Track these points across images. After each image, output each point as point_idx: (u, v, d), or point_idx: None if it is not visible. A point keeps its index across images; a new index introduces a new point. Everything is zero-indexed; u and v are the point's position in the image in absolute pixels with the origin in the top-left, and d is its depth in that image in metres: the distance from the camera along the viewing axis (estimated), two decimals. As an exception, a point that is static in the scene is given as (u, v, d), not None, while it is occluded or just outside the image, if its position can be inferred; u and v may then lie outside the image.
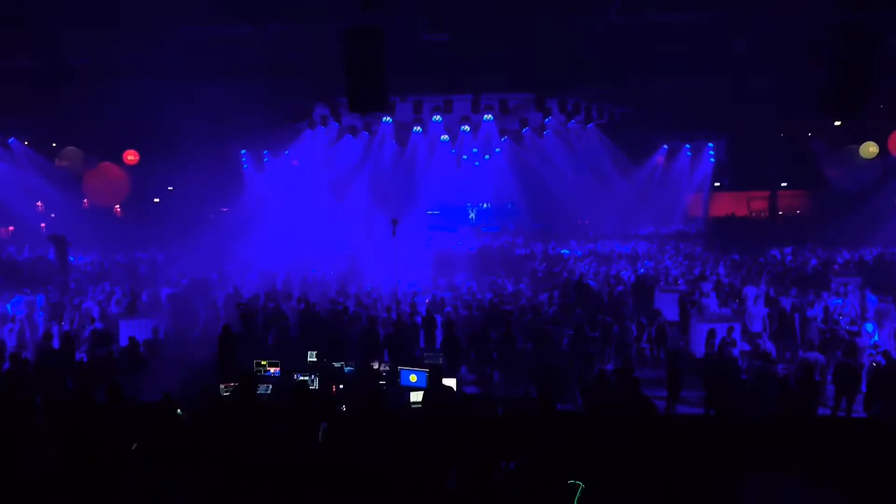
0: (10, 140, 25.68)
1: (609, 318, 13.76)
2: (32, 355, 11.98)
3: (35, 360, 11.22)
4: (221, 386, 9.03)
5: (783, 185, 31.99)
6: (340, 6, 11.76)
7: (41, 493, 5.09)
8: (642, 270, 20.35)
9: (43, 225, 31.95)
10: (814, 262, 20.49)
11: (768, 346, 11.61)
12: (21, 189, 27.09)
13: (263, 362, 10.27)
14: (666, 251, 25.13)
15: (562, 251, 25.67)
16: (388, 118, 26.03)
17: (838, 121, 24.11)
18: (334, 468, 5.37)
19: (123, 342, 12.50)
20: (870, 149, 20.04)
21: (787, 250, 23.01)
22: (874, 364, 10.31)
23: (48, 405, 8.58)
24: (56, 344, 12.14)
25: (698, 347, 12.85)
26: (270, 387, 9.77)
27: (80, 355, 12.45)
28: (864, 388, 10.37)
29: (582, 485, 4.76)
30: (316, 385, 9.35)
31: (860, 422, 9.61)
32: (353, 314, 14.26)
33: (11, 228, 31.38)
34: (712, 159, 32.14)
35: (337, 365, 10.19)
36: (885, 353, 10.35)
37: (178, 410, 7.07)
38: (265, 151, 31.59)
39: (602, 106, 24.48)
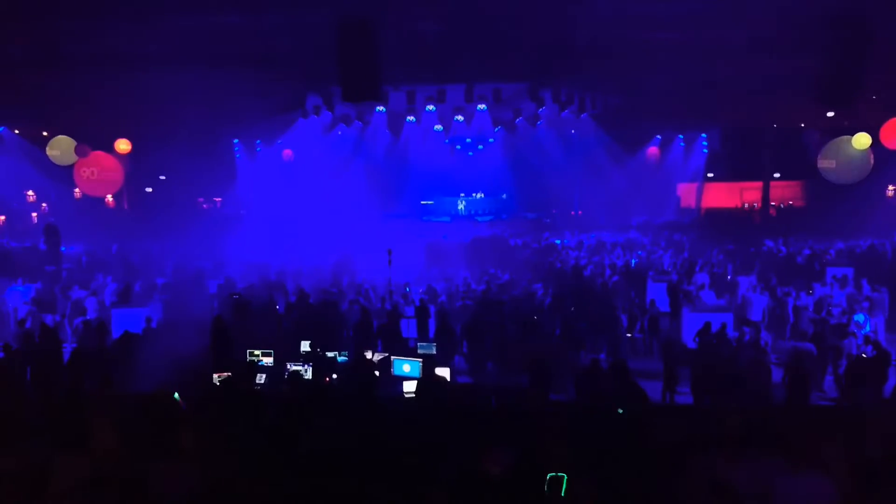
0: (0, 129, 25.51)
1: (601, 307, 13.80)
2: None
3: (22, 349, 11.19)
4: (215, 376, 9.02)
5: (776, 175, 32.08)
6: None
7: (34, 486, 5.08)
8: (635, 260, 20.40)
9: (34, 215, 31.81)
10: (806, 252, 20.57)
11: (762, 335, 11.69)
12: (11, 179, 26.93)
13: (257, 352, 10.27)
14: (659, 241, 25.19)
15: (555, 241, 25.70)
16: (382, 108, 25.96)
17: (831, 111, 24.14)
18: (327, 459, 5.38)
19: (116, 332, 12.48)
20: (862, 140, 20.05)
21: (790, 240, 23.06)
22: (864, 355, 10.39)
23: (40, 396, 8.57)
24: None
25: (690, 337, 12.92)
26: (265, 376, 9.80)
27: (71, 346, 12.43)
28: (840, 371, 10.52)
29: (566, 476, 4.78)
30: (309, 375, 9.36)
31: (849, 410, 9.68)
32: (346, 304, 14.26)
33: (3, 218, 31.22)
34: (705, 150, 32.21)
35: (330, 355, 10.21)
36: (876, 344, 10.44)
37: (176, 395, 7.07)
38: (258, 141, 31.46)
39: (595, 96, 24.47)
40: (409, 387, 9.05)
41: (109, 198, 31.49)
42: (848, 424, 6.80)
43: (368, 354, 10.23)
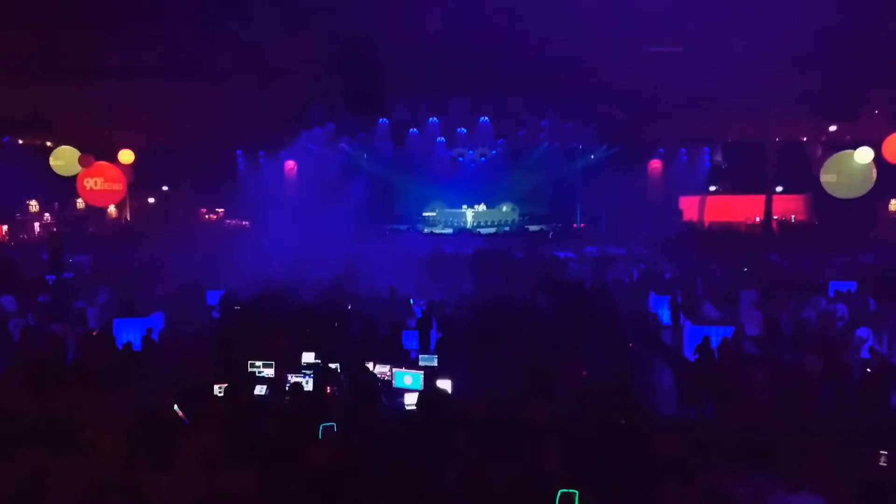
0: (4, 139, 25.60)
1: (605, 320, 13.74)
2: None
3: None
4: (216, 386, 8.99)
5: (778, 189, 32.09)
6: (338, 7, 11.75)
7: (34, 496, 5.06)
8: (638, 273, 20.36)
9: (37, 224, 31.88)
10: (809, 265, 20.52)
11: (762, 348, 11.65)
12: (15, 189, 26.97)
13: (258, 363, 10.23)
14: (661, 254, 25.11)
15: (558, 254, 25.66)
16: (385, 119, 26.07)
17: (833, 125, 24.19)
18: (329, 469, 5.35)
19: (117, 343, 12.43)
20: (864, 154, 20.08)
21: (793, 254, 22.99)
22: (867, 369, 10.34)
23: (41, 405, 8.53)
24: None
25: (691, 350, 12.87)
26: (266, 387, 9.77)
27: (73, 356, 12.39)
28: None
29: (577, 493, 4.75)
30: (310, 386, 9.32)
31: (852, 425, 9.62)
32: (348, 315, 14.23)
33: (6, 228, 31.27)
34: (708, 163, 32.22)
35: (332, 366, 10.16)
36: (880, 358, 10.38)
37: (176, 408, 7.06)
38: (261, 152, 31.56)
39: (598, 108, 24.56)
40: (411, 399, 9.02)
41: (112, 208, 31.57)
42: (851, 440, 6.76)
43: (370, 366, 10.20)
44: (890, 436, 6.76)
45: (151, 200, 34.83)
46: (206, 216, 35.50)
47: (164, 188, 34.33)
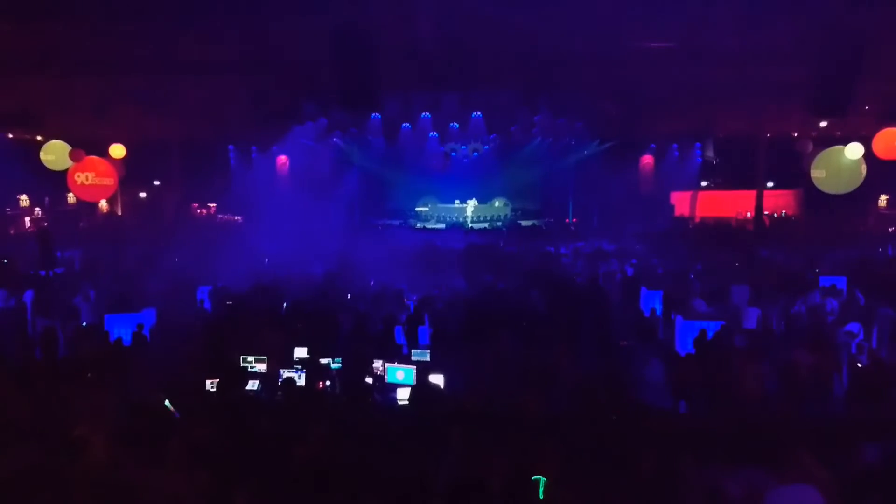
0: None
1: (597, 316, 13.76)
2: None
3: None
4: (208, 382, 8.97)
5: (770, 184, 32.18)
6: (330, 1, 11.72)
7: (23, 493, 5.04)
8: (630, 269, 20.39)
9: (28, 219, 31.69)
10: (799, 260, 20.60)
11: (756, 342, 11.69)
12: (4, 183, 26.77)
13: (250, 358, 10.22)
14: (653, 250, 25.17)
15: (550, 249, 25.67)
16: (377, 114, 26.04)
17: (824, 121, 24.30)
18: (321, 467, 5.35)
19: (108, 338, 12.39)
20: (854, 150, 20.15)
21: (783, 249, 23.08)
22: (859, 364, 10.40)
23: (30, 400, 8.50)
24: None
25: (683, 345, 12.92)
26: (258, 383, 9.76)
27: (64, 351, 12.34)
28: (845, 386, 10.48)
29: (544, 479, 4.77)
30: (302, 381, 9.32)
31: (843, 420, 9.69)
32: (341, 310, 14.21)
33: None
34: (699, 158, 32.28)
35: (324, 361, 10.16)
36: (870, 353, 10.45)
37: (168, 403, 7.04)
38: (253, 147, 31.44)
39: (590, 103, 24.59)
40: (403, 394, 9.03)
41: (103, 203, 31.41)
42: (842, 435, 6.80)
43: (362, 361, 10.19)
44: (881, 430, 6.81)
45: (143, 195, 34.68)
46: (198, 211, 35.36)
47: (156, 183, 34.18)
